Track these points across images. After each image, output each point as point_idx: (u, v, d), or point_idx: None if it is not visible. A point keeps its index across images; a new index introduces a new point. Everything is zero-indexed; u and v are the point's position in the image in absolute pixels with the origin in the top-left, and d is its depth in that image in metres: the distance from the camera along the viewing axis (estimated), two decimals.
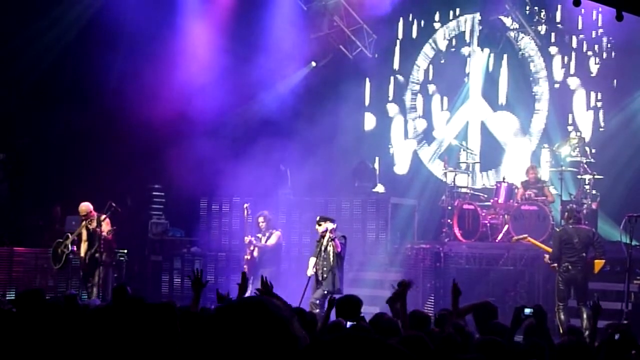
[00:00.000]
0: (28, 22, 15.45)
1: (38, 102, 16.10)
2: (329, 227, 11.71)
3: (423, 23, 18.34)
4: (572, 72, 16.55)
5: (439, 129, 18.06)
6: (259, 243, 13.17)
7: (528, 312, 6.08)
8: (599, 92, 16.24)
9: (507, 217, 13.85)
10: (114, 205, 13.18)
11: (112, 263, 13.77)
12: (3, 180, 15.66)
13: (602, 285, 11.82)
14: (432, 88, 18.26)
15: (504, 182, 14.54)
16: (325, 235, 11.71)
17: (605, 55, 16.13)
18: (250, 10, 16.81)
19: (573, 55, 16.53)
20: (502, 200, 14.25)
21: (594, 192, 13.85)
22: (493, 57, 17.42)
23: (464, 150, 15.83)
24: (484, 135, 17.47)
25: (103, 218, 13.04)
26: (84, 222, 13.24)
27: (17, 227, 15.64)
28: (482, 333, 6.64)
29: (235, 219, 15.62)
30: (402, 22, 18.37)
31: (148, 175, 16.82)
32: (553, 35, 16.79)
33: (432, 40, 18.25)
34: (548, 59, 16.84)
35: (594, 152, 14.73)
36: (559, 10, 16.70)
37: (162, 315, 2.99)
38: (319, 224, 11.87)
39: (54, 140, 16.15)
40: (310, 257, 12.05)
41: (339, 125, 17.06)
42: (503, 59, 17.28)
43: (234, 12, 16.84)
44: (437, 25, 18.23)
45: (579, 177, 13.88)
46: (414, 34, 18.42)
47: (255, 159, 14.84)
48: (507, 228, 13.62)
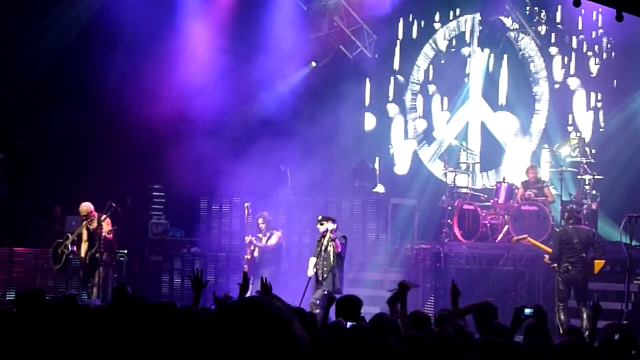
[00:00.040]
0: (28, 22, 15.45)
1: (38, 102, 16.10)
2: (330, 227, 11.71)
3: (423, 23, 18.33)
4: (572, 72, 16.55)
5: (439, 129, 18.05)
6: (260, 243, 13.16)
7: (528, 312, 6.09)
8: (599, 92, 16.24)
9: (507, 217, 13.84)
10: (114, 205, 13.17)
11: (112, 263, 13.76)
12: (3, 180, 15.66)
13: (602, 286, 11.82)
14: (432, 88, 18.26)
15: (504, 182, 14.54)
16: (326, 235, 11.71)
17: (605, 56, 16.13)
18: (250, 10, 16.81)
19: (573, 56, 16.53)
20: (502, 201, 14.24)
21: (594, 192, 13.85)
22: (493, 57, 17.41)
23: (464, 151, 15.82)
24: (484, 136, 17.47)
25: (103, 218, 13.04)
26: (85, 222, 13.24)
27: (17, 227, 15.64)
28: (482, 333, 6.64)
29: (235, 219, 15.62)
30: (402, 22, 18.36)
31: (148, 175, 16.82)
32: (553, 36, 16.79)
33: (432, 41, 18.24)
34: (548, 60, 16.84)
35: (594, 152, 14.73)
36: (559, 11, 16.70)
37: (162, 316, 2.99)
38: (321, 224, 11.87)
39: (54, 140, 16.16)
40: (310, 257, 12.06)
41: (339, 125, 17.05)
42: (503, 59, 17.27)
43: (234, 12, 16.84)
44: (437, 26, 18.22)
45: (579, 177, 13.88)
46: (414, 34, 18.41)
47: (255, 159, 14.83)
48: (507, 228, 13.62)
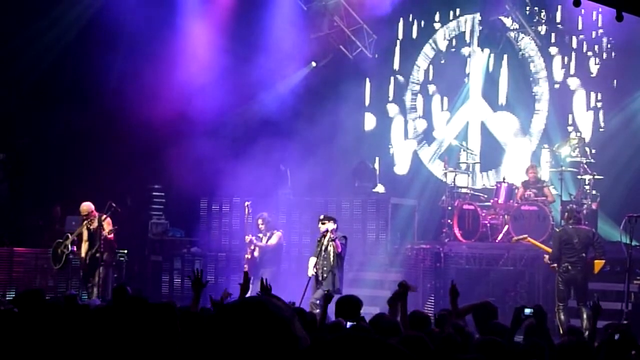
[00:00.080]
0: (28, 22, 15.45)
1: (38, 102, 16.10)
2: (330, 227, 11.71)
3: (423, 23, 18.32)
4: (572, 72, 16.55)
5: (439, 129, 18.05)
6: (260, 242, 13.16)
7: (528, 312, 6.09)
8: (599, 92, 16.24)
9: (507, 217, 13.84)
10: (114, 205, 13.17)
11: (112, 263, 13.75)
12: (3, 180, 15.66)
13: (602, 286, 11.83)
14: (432, 88, 18.25)
15: (504, 182, 14.54)
16: (326, 235, 11.71)
17: (605, 56, 16.13)
18: (250, 10, 16.81)
19: (573, 56, 16.53)
20: (502, 201, 14.24)
21: (594, 192, 13.84)
22: (493, 57, 17.41)
23: (464, 151, 15.82)
24: (484, 136, 17.46)
25: (104, 218, 13.04)
26: (85, 222, 13.24)
27: (17, 227, 15.64)
28: (482, 333, 6.64)
29: (235, 219, 15.61)
30: (402, 22, 18.35)
31: (148, 175, 16.82)
32: (553, 36, 16.79)
33: (432, 41, 18.23)
34: (548, 60, 16.84)
35: (594, 152, 14.73)
36: (559, 11, 16.70)
37: (162, 316, 2.99)
38: (323, 223, 11.86)
39: (54, 140, 16.15)
40: (311, 257, 12.06)
41: (339, 125, 17.04)
42: (503, 59, 17.27)
43: (234, 12, 16.84)
44: (437, 26, 18.22)
45: (579, 177, 13.88)
46: (414, 34, 18.41)
47: (255, 159, 14.83)
48: (507, 228, 13.62)
